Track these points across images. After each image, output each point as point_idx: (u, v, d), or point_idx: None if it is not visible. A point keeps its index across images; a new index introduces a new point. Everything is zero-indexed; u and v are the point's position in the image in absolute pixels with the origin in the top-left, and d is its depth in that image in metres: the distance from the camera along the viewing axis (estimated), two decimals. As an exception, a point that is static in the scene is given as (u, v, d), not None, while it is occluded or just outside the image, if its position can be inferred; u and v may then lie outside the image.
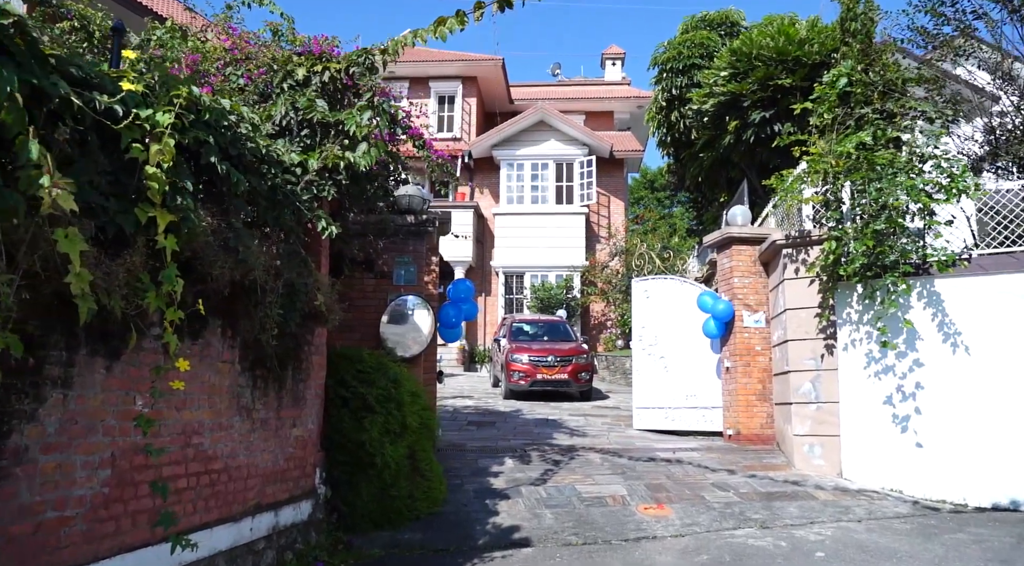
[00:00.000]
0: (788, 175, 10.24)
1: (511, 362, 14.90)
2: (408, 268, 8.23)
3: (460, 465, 8.58)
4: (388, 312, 8.08)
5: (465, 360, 23.07)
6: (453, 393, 15.85)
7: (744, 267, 10.31)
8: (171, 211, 3.86)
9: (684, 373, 11.36)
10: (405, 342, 8.12)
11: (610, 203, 25.26)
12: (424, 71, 26.23)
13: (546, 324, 17.21)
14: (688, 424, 11.23)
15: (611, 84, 30.83)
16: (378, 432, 6.71)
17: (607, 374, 20.04)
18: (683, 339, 11.44)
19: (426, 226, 8.20)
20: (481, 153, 24.85)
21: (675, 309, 11.64)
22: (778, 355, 9.71)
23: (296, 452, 6.06)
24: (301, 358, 6.11)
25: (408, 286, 8.22)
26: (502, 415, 12.93)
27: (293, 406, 6.00)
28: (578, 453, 9.37)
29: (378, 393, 6.85)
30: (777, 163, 12.46)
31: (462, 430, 11.40)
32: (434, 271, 9.46)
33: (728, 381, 10.38)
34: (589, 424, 12.21)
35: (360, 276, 8.21)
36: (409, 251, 8.27)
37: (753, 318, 10.21)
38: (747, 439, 9.97)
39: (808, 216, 9.42)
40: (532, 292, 23.15)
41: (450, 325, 9.44)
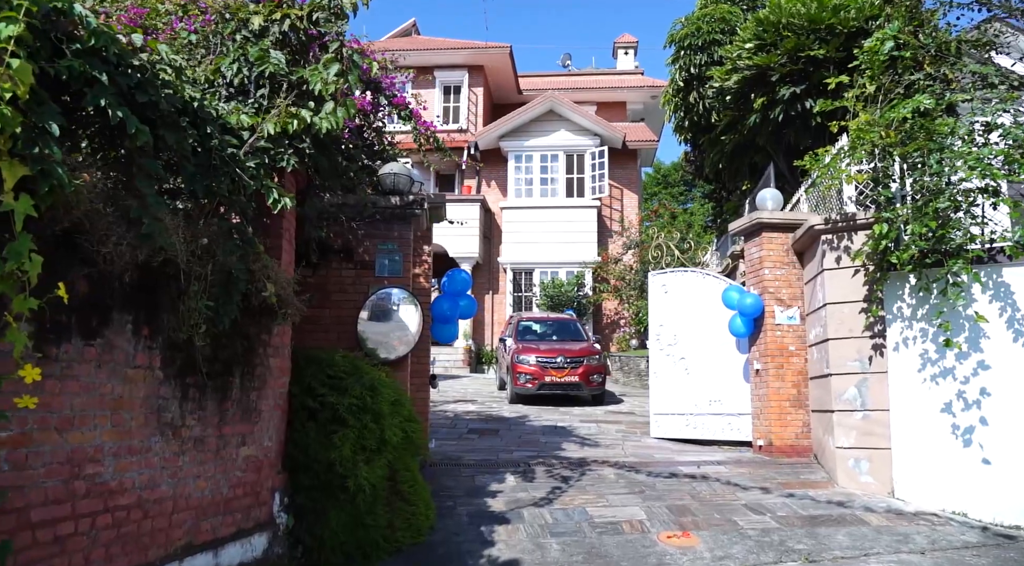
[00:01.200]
0: (824, 154, 9.11)
1: (517, 363, 13.82)
2: (392, 257, 7.16)
3: (454, 483, 7.51)
4: (368, 307, 7.02)
5: (471, 361, 22.01)
6: (455, 397, 14.78)
7: (776, 257, 9.18)
8: (25, 162, 2.80)
9: (707, 376, 10.24)
10: (389, 342, 7.06)
11: (623, 196, 24.12)
12: (429, 60, 25.18)
13: (555, 323, 16.11)
14: (712, 432, 10.10)
15: (623, 73, 29.68)
16: (350, 449, 5.64)
17: (620, 376, 18.92)
18: (706, 338, 10.32)
19: (412, 208, 7.13)
20: (488, 145, 23.78)
21: (697, 305, 10.52)
22: (816, 356, 8.58)
23: (246, 476, 5.00)
24: (253, 362, 5.05)
25: (393, 277, 7.16)
26: (506, 422, 11.84)
27: (242, 420, 4.94)
28: (590, 468, 8.27)
29: (351, 403, 5.78)
30: (808, 144, 11.30)
31: (461, 439, 10.33)
32: (426, 262, 8.40)
33: (758, 385, 9.26)
34: (602, 432, 11.11)
35: (337, 266, 7.16)
36: (394, 237, 7.21)
37: (786, 314, 9.08)
38: (780, 451, 8.84)
39: (850, 198, 8.28)
40: (541, 289, 22.07)
41: (445, 322, 8.37)
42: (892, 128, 7.25)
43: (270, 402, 5.35)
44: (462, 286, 8.48)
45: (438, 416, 12.17)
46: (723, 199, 19.12)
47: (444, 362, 21.83)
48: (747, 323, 9.33)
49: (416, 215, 7.17)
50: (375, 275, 7.15)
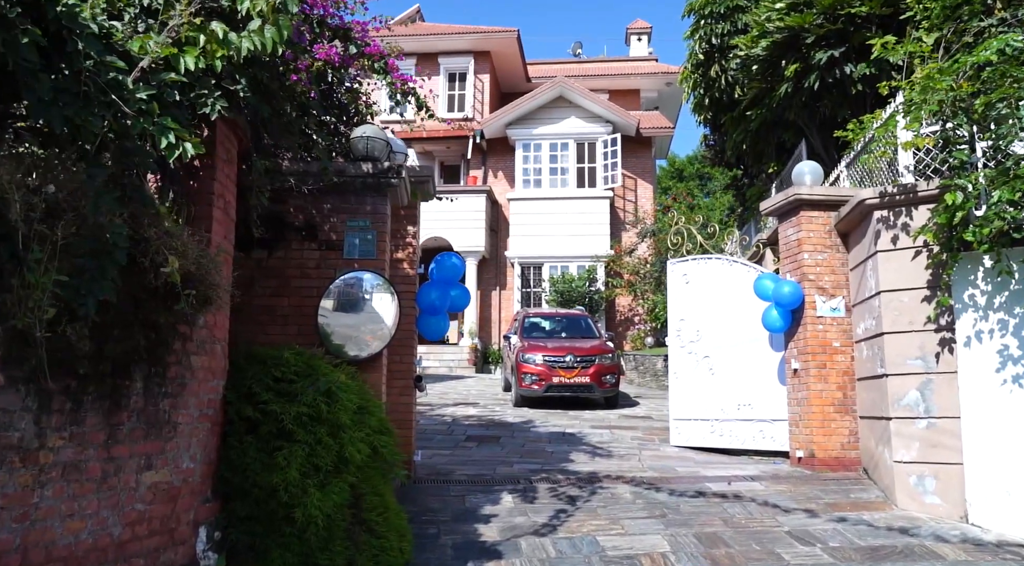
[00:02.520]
0: (872, 119, 7.87)
1: (522, 363, 12.62)
2: (364, 235, 5.99)
3: (440, 505, 6.33)
4: (333, 295, 5.85)
5: (477, 361, 20.85)
6: (456, 399, 13.61)
7: (816, 239, 7.94)
8: None
9: (735, 376, 9.02)
10: (360, 337, 5.89)
11: (637, 186, 22.89)
12: (432, 46, 24.06)
13: (564, 319, 14.89)
14: (741, 441, 8.88)
15: (637, 60, 28.41)
16: (298, 470, 4.48)
17: (635, 376, 17.69)
18: (734, 334, 9.10)
19: (388, 176, 5.95)
20: (494, 133, 22.61)
21: (723, 296, 9.30)
22: (866, 353, 7.34)
23: (154, 509, 3.84)
24: (164, 360, 3.89)
25: (365, 259, 5.98)
26: (509, 428, 10.66)
27: (147, 437, 3.78)
28: (601, 484, 7.07)
29: (300, 412, 4.61)
30: (846, 115, 10.04)
31: (457, 448, 9.16)
32: (412, 246, 7.23)
33: (796, 387, 8.02)
34: (616, 440, 9.90)
35: (298, 247, 6.00)
36: (366, 212, 6.03)
37: (829, 305, 7.84)
38: (823, 463, 7.60)
39: (907, 168, 7.04)
40: (551, 285, 20.87)
41: (433, 314, 7.20)
42: (965, 77, 6.00)
43: (192, 412, 4.19)
44: (453, 273, 7.31)
45: (434, 421, 11.02)
46: (745, 187, 17.87)
47: (449, 362, 20.70)
48: (784, 316, 8.10)
49: (392, 185, 5.99)
50: (343, 257, 5.98)
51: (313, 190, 5.94)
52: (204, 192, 4.48)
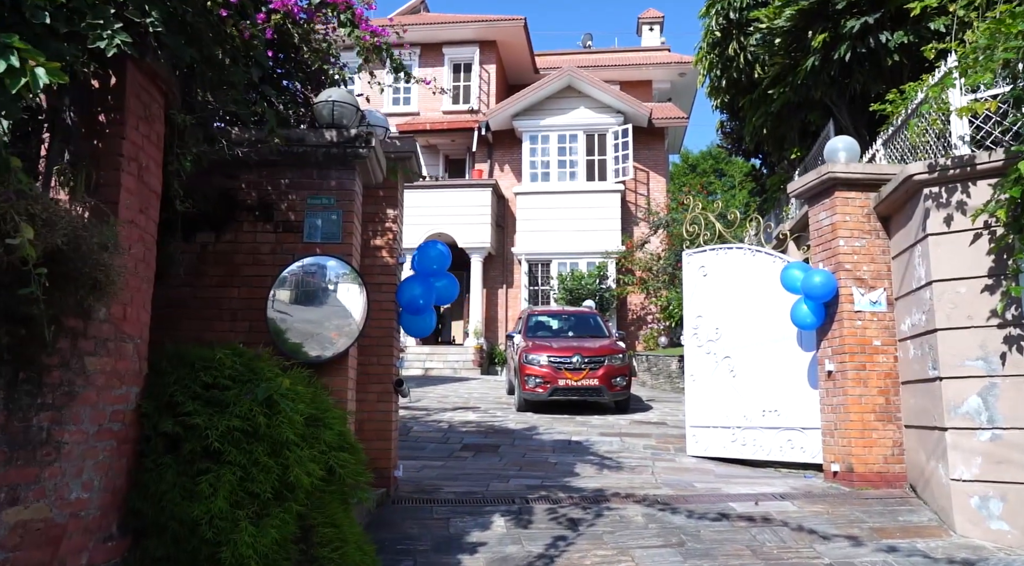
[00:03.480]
0: (919, 86, 6.92)
1: (526, 365, 11.71)
2: (328, 215, 5.10)
3: (420, 530, 5.43)
4: (289, 284, 4.96)
5: (483, 362, 19.96)
6: (456, 403, 12.72)
7: (853, 223, 6.99)
8: None
9: (759, 379, 8.08)
10: (322, 334, 5.00)
11: (649, 179, 21.93)
12: (436, 36, 23.21)
13: (572, 317, 13.96)
14: (767, 451, 7.94)
15: (649, 50, 27.46)
16: (227, 499, 3.60)
17: (648, 378, 16.74)
18: (757, 331, 8.17)
19: (355, 146, 5.06)
20: (500, 124, 21.71)
21: (745, 290, 8.37)
22: (913, 352, 6.39)
23: (21, 557, 2.96)
24: (39, 362, 3.02)
25: (329, 243, 5.10)
26: (510, 435, 9.76)
27: (10, 462, 2.90)
28: (609, 504, 6.15)
29: (232, 426, 3.73)
30: (880, 90, 9.08)
31: (450, 459, 8.27)
32: (391, 231, 6.34)
33: (831, 392, 7.07)
34: (626, 449, 8.98)
35: (250, 229, 5.12)
36: (330, 188, 5.15)
37: (868, 298, 6.89)
38: (863, 479, 6.65)
39: (963, 138, 6.08)
40: (560, 282, 19.95)
41: (416, 312, 6.31)
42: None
43: (87, 428, 3.31)
44: (438, 263, 6.41)
45: (429, 428, 10.14)
46: (763, 177, 16.88)
47: (453, 363, 19.84)
48: (816, 310, 7.15)
49: (361, 157, 5.10)
50: (303, 240, 5.10)
51: (268, 162, 5.08)
52: (110, 154, 3.61)
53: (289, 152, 5.06)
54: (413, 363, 19.98)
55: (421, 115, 23.18)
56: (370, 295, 6.22)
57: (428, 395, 13.87)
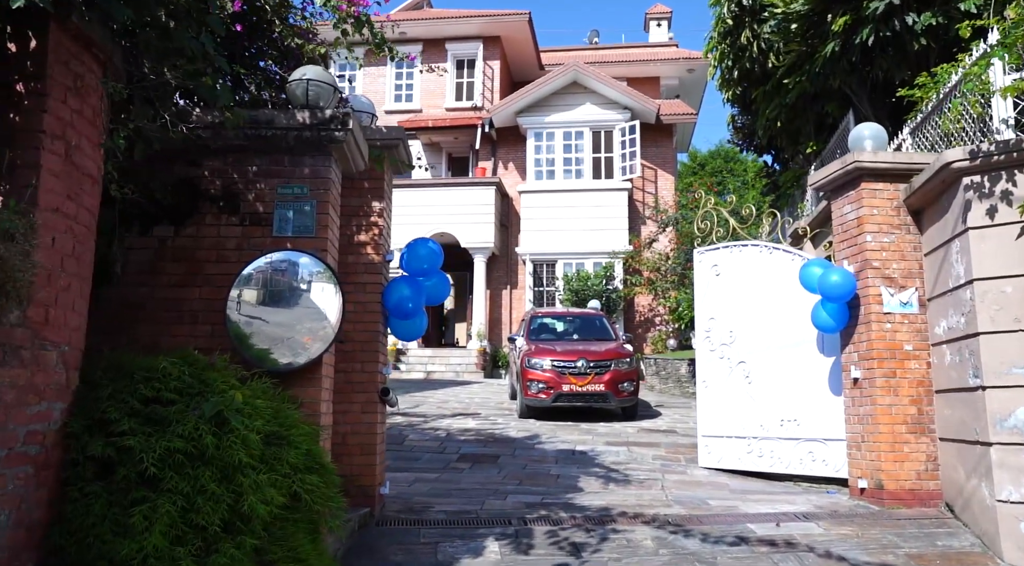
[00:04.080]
0: (947, 71, 6.35)
1: (528, 369, 11.15)
2: (300, 206, 4.57)
3: (404, 557, 4.88)
4: (256, 282, 4.42)
5: (486, 365, 19.40)
6: (456, 409, 12.18)
7: (881, 217, 6.42)
8: None
9: (777, 386, 7.52)
10: (293, 338, 4.46)
11: (657, 177, 21.35)
12: (439, 31, 22.71)
13: (577, 319, 13.39)
14: (785, 464, 7.37)
15: (656, 46, 26.86)
16: (163, 535, 3.07)
17: (657, 382, 16.17)
18: (775, 334, 7.60)
19: (330, 129, 4.52)
20: (504, 121, 21.18)
21: (761, 290, 7.81)
22: (950, 358, 5.81)
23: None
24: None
25: (301, 237, 4.56)
26: (511, 444, 9.21)
27: None
28: (615, 525, 5.59)
29: (172, 448, 3.20)
30: (906, 76, 8.50)
31: (445, 471, 7.72)
32: (377, 226, 5.81)
33: (858, 401, 6.50)
34: (634, 460, 8.42)
35: (214, 221, 4.59)
36: (303, 176, 4.61)
37: (899, 299, 6.32)
38: (894, 496, 6.07)
39: (1006, 121, 5.51)
40: (565, 283, 19.39)
41: (405, 314, 5.77)
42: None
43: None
44: (429, 262, 5.87)
45: (425, 436, 9.60)
46: (776, 174, 16.30)
47: (455, 366, 19.31)
48: (839, 312, 6.59)
49: (337, 141, 4.56)
50: (273, 234, 4.57)
51: (234, 148, 4.55)
52: (28, 130, 3.08)
53: (257, 136, 4.53)
54: (415, 366, 19.47)
55: (424, 112, 22.68)
56: (354, 295, 5.73)
57: (428, 400, 13.34)
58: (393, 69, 23.18)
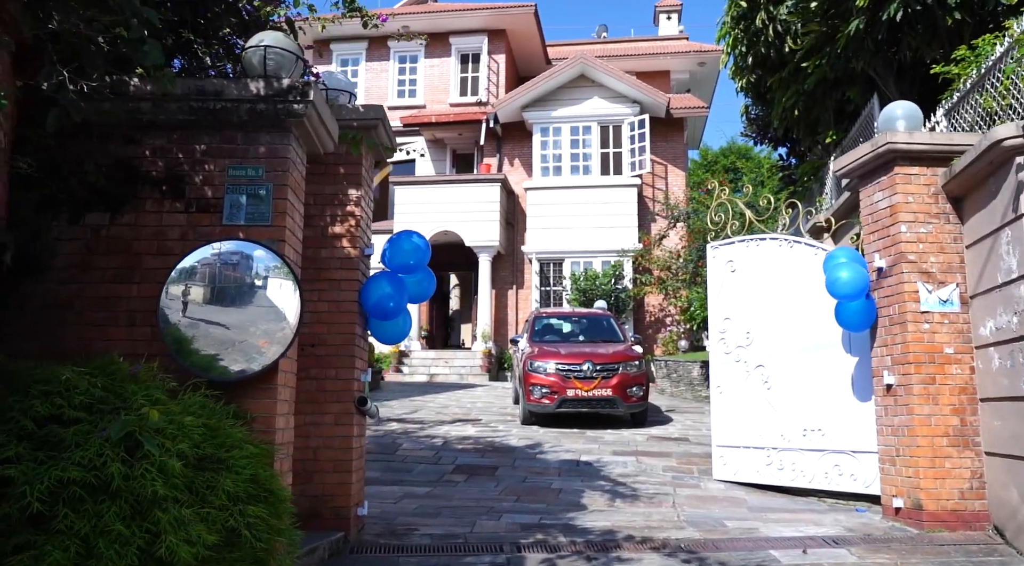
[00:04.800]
0: (990, 42, 5.70)
1: (531, 373, 10.53)
2: (255, 190, 3.97)
3: (377, 592, 4.28)
4: (200, 276, 3.81)
5: (491, 367, 18.79)
6: (456, 414, 11.57)
7: (917, 205, 5.77)
8: None
9: (799, 392, 6.88)
10: (247, 342, 3.85)
11: (667, 173, 20.67)
12: (443, 25, 22.10)
13: (583, 319, 12.75)
14: (808, 478, 6.72)
15: (666, 39, 26.21)
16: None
17: (668, 385, 15.51)
18: (796, 336, 6.97)
19: (289, 100, 3.92)
20: (509, 116, 20.55)
21: (781, 287, 7.17)
22: (997, 363, 5.16)
23: None
24: None
25: (255, 226, 3.96)
26: (511, 454, 8.59)
27: None
28: (621, 552, 4.96)
29: (64, 479, 2.60)
30: (937, 55, 7.83)
31: (439, 484, 7.12)
32: (353, 216, 5.22)
33: (892, 410, 5.84)
34: (643, 471, 7.79)
35: (155, 208, 3.99)
36: (258, 156, 4.01)
37: (937, 296, 5.67)
38: (935, 518, 5.41)
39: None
40: (573, 282, 18.74)
41: (386, 314, 5.18)
42: None
43: None
44: (414, 257, 5.27)
45: (420, 444, 9.00)
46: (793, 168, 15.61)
47: (460, 369, 18.71)
48: (868, 309, 5.94)
49: (297, 114, 3.96)
50: (223, 222, 3.96)
51: (179, 123, 3.96)
52: None
53: (204, 109, 3.93)
54: (417, 369, 18.89)
55: (427, 108, 22.11)
56: (328, 294, 5.14)
57: (427, 405, 12.74)
58: (396, 64, 22.63)
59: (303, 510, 4.86)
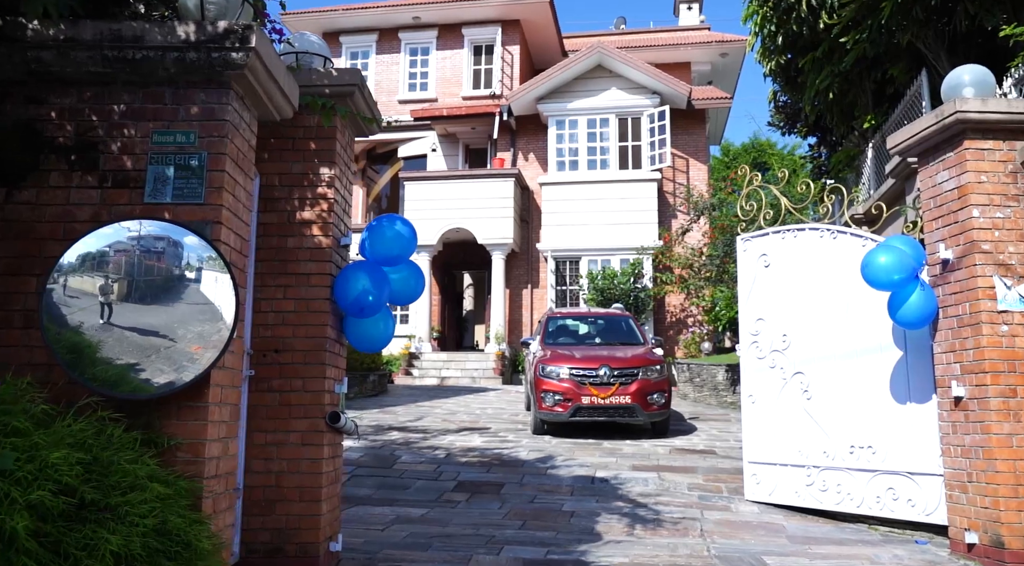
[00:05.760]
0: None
1: (542, 378, 9.71)
2: (185, 160, 3.20)
3: (340, 656, 3.49)
4: (112, 265, 3.05)
5: (505, 370, 18.00)
6: (463, 422, 10.79)
7: (992, 186, 4.90)
8: None
9: (845, 402, 6.02)
10: (175, 348, 3.09)
11: (688, 167, 19.78)
12: (455, 16, 21.37)
13: (599, 320, 11.90)
14: (857, 502, 5.86)
15: (687, 29, 25.28)
16: None
17: (690, 390, 14.63)
18: (841, 338, 6.11)
19: (225, 48, 3.14)
20: (524, 109, 19.75)
21: (823, 283, 6.32)
22: (1097, 373, 4.27)
23: None
24: None
25: (185, 204, 3.19)
26: (519, 469, 7.79)
27: None
28: (641, 598, 4.14)
29: None
30: (999, 22, 6.93)
31: (437, 505, 6.34)
32: (324, 199, 4.46)
33: (961, 426, 4.98)
34: (666, 490, 6.96)
35: (62, 181, 3.23)
36: (189, 119, 3.24)
37: (1017, 292, 4.80)
38: (1019, 559, 4.54)
39: None
40: (590, 281, 17.91)
41: (361, 309, 4.38)
42: None
43: None
44: (398, 247, 4.49)
45: (421, 457, 8.22)
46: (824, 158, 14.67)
47: (472, 372, 17.93)
48: (922, 302, 5.09)
49: (235, 64, 3.18)
50: (144, 200, 3.20)
51: (92, 78, 3.20)
52: None
53: (122, 60, 3.17)
54: (428, 372, 18.14)
55: (439, 101, 21.36)
56: (295, 290, 4.37)
57: (434, 411, 11.97)
58: (407, 56, 21.90)
59: (263, 546, 4.12)
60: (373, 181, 23.17)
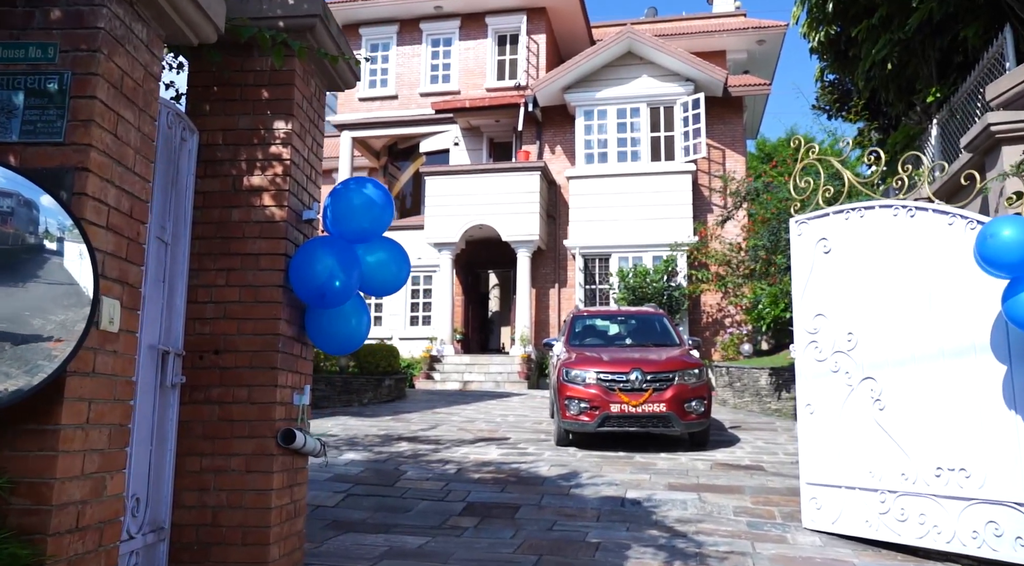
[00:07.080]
0: None
1: (566, 383, 8.71)
2: (41, 83, 2.30)
3: None
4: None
5: (531, 373, 17.04)
6: (480, 431, 9.84)
7: None
8: None
9: (929, 415, 4.95)
10: (29, 344, 2.17)
11: (725, 158, 18.67)
12: (479, 4, 20.51)
13: (630, 319, 10.86)
14: (947, 537, 4.79)
15: (722, 16, 24.09)
16: None
17: (730, 395, 13.52)
18: (922, 337, 5.04)
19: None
20: (550, 99, 18.81)
21: (898, 271, 5.26)
22: None
23: None
24: None
25: (39, 145, 2.29)
26: (538, 487, 6.82)
27: None
28: None
29: None
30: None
31: (440, 532, 5.39)
32: (280, 160, 3.55)
33: (1094, 448, 3.90)
34: (708, 515, 5.93)
35: None
36: (48, 26, 2.34)
37: None
38: None
39: None
40: (620, 279, 16.88)
41: (323, 295, 3.43)
42: None
43: None
44: (368, 217, 3.56)
45: (429, 472, 7.30)
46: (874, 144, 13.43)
47: (496, 376, 17.00)
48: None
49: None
50: (-17, 141, 2.30)
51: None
52: None
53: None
54: (450, 376, 17.24)
55: (462, 93, 20.50)
56: (240, 275, 3.47)
57: (450, 418, 11.05)
58: (429, 48, 21.06)
59: (194, 603, 3.20)
60: (395, 177, 22.39)
